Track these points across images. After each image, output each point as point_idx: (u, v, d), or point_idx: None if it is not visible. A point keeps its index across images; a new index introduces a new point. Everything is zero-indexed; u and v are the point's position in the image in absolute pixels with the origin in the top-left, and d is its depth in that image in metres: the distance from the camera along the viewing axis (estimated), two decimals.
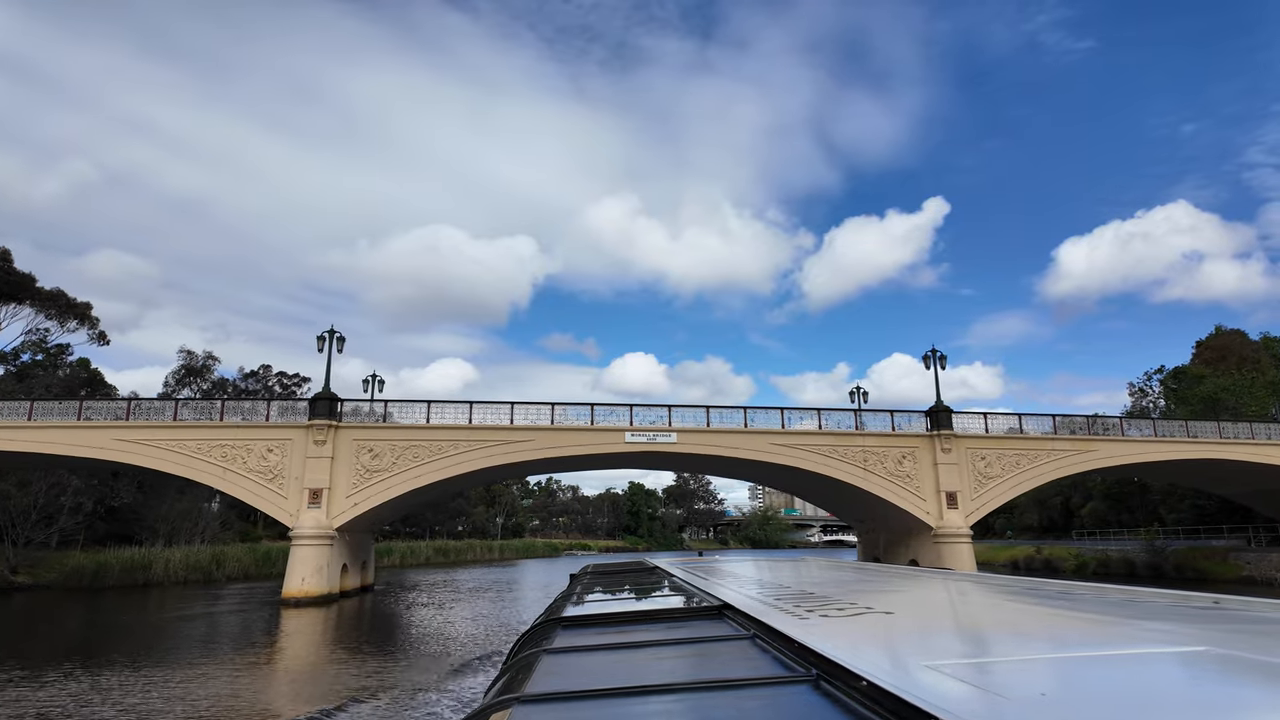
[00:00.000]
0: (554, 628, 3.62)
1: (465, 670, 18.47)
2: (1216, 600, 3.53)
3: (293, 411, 35.51)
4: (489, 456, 35.76)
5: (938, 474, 38.58)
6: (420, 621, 29.99)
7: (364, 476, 34.78)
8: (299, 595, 32.11)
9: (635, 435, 37.16)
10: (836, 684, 1.95)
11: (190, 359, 71.15)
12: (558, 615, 4.20)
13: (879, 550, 43.92)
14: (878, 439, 38.90)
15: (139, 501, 58.73)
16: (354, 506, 34.37)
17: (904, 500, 38.22)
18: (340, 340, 36.46)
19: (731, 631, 3.12)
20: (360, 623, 29.38)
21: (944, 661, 2.13)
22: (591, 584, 6.97)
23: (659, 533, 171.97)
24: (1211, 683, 2.07)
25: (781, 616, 3.19)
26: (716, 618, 3.51)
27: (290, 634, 25.64)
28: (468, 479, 38.92)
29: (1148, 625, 2.97)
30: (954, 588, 5.01)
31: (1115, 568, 55.37)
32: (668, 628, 3.47)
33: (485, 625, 27.92)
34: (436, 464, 35.24)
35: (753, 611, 3.29)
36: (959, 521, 37.92)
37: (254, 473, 34.07)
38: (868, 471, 38.28)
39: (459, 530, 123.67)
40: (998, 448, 39.71)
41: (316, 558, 32.97)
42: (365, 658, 20.33)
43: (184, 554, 51.79)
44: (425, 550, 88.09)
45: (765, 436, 37.97)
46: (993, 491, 39.28)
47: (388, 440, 35.29)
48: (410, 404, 36.49)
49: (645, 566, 8.79)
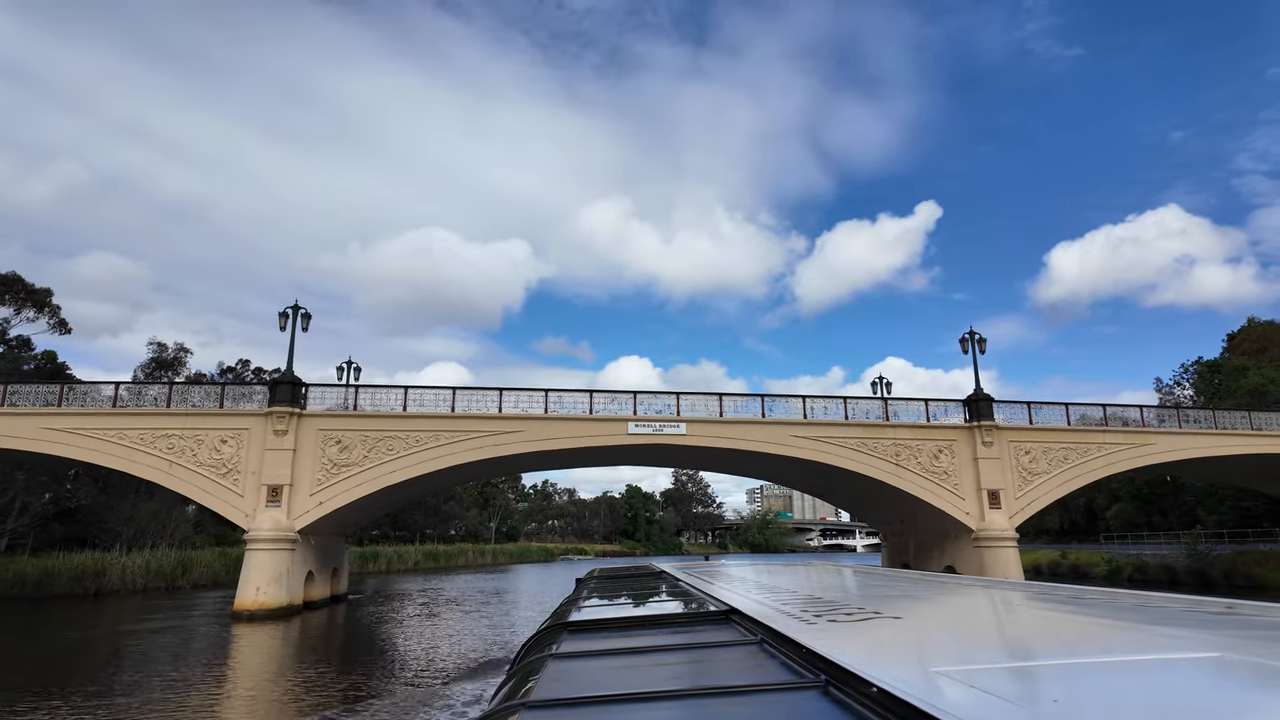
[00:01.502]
0: (560, 632, 3.55)
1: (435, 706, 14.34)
2: (1230, 605, 3.42)
3: (250, 398, 31.24)
4: (474, 449, 31.54)
5: (978, 470, 34.43)
6: (390, 641, 25.74)
7: (331, 471, 30.52)
8: (253, 607, 27.82)
9: (639, 426, 32.98)
10: (846, 690, 1.91)
11: (161, 352, 66.71)
12: (564, 620, 4.07)
13: (908, 556, 39.73)
14: (911, 431, 34.75)
15: (101, 502, 54.35)
16: (319, 505, 30.10)
17: (940, 499, 34.07)
18: (305, 317, 32.19)
19: (739, 637, 3.07)
20: (320, 641, 25.10)
21: (955, 667, 2.08)
22: (597, 588, 6.87)
23: (656, 537, 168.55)
24: (1227, 690, 2.01)
25: (789, 622, 3.15)
26: (723, 623, 3.48)
27: (232, 656, 21.39)
28: (451, 475, 34.67)
29: (1161, 631, 2.94)
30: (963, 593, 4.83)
31: (1153, 574, 51.32)
32: (674, 633, 3.46)
33: (465, 646, 23.68)
34: (414, 457, 31.00)
35: (760, 617, 3.27)
36: (1003, 523, 33.77)
37: (205, 467, 29.79)
38: (900, 467, 34.12)
39: (451, 534, 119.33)
40: (1044, 441, 35.58)
41: (274, 564, 28.68)
42: (312, 689, 16.11)
43: (146, 559, 47.46)
44: (414, 555, 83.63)
45: (785, 428, 33.80)
46: (1039, 490, 35.15)
47: (358, 430, 31.04)
48: (384, 389, 32.23)
49: (651, 571, 8.55)
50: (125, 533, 53.47)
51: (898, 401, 35.64)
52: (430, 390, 32.23)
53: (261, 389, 31.36)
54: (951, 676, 1.95)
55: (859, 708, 1.79)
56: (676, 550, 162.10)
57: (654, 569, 8.97)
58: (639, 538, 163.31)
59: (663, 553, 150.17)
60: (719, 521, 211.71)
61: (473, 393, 32.52)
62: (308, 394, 31.47)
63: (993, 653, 2.72)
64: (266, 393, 31.05)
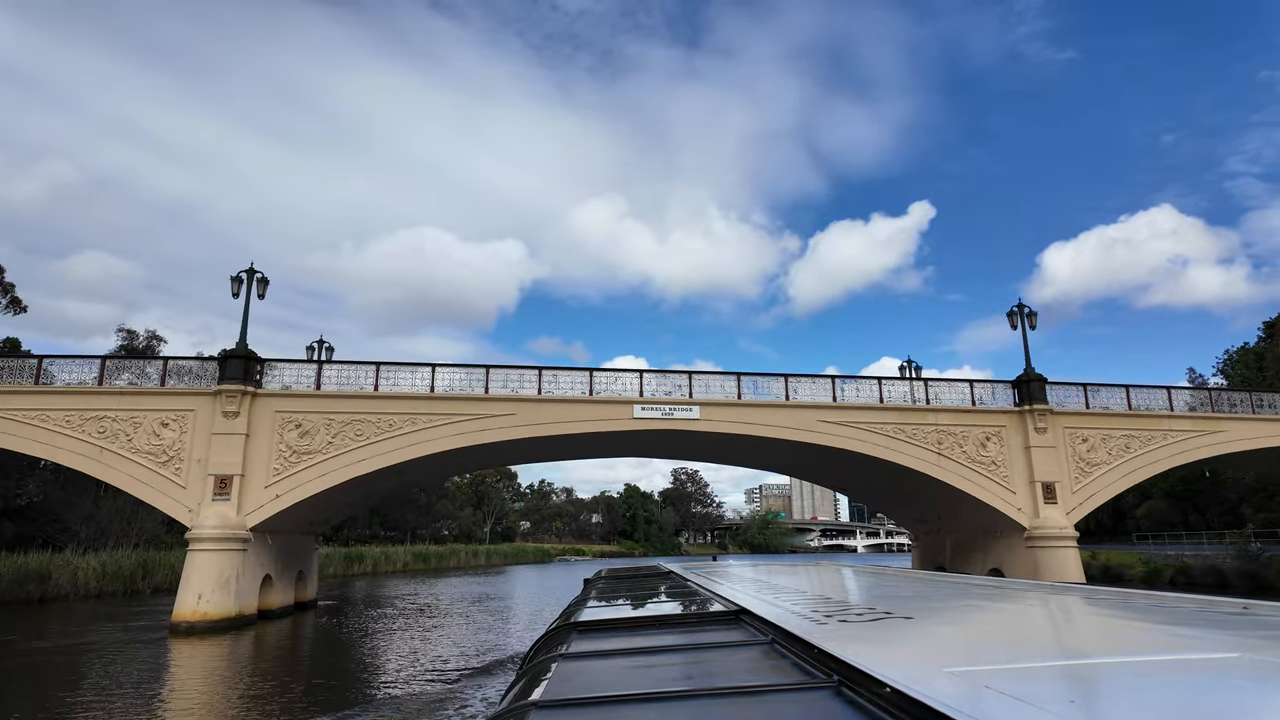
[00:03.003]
0: (570, 632, 3.53)
1: None
2: (1246, 606, 3.40)
3: (197, 376, 27.01)
4: (457, 435, 27.36)
5: (1030, 459, 30.32)
6: (352, 658, 21.59)
7: (290, 460, 26.31)
8: (193, 619, 23.61)
9: (646, 409, 28.82)
10: (859, 690, 1.90)
11: (130, 339, 62.38)
12: (573, 620, 4.07)
13: (944, 558, 35.61)
14: (954, 416, 30.62)
15: (58, 499, 50.13)
16: (276, 499, 25.90)
17: (988, 493, 29.95)
18: (262, 283, 27.94)
19: (749, 637, 3.05)
20: (268, 659, 20.90)
21: (969, 667, 2.06)
22: (607, 588, 6.82)
23: (655, 537, 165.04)
24: (1244, 691, 1.97)
25: (800, 622, 3.11)
26: (733, 623, 3.47)
27: (152, 681, 17.22)
28: (431, 465, 30.47)
29: (1177, 631, 2.92)
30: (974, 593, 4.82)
31: (1198, 576, 47.22)
32: (684, 633, 3.44)
33: (446, 669, 19.50)
34: (387, 444, 26.80)
35: (770, 617, 3.23)
36: (1060, 520, 29.66)
37: (142, 454, 25.56)
38: (942, 456, 29.99)
39: (443, 534, 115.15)
40: (1103, 427, 31.47)
41: (221, 567, 24.47)
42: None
43: (102, 561, 43.25)
44: (402, 556, 79.34)
45: (812, 412, 29.65)
46: (1098, 483, 31.05)
47: (322, 413, 26.83)
48: (353, 366, 27.99)
49: (660, 571, 8.49)
50: (84, 532, 49.33)
51: (938, 383, 31.50)
52: (406, 368, 28.03)
53: (211, 364, 27.11)
54: (965, 677, 1.92)
55: (872, 708, 1.78)
56: (676, 551, 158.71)
57: (662, 569, 8.83)
58: (638, 538, 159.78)
59: (661, 553, 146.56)
60: (718, 522, 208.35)
61: (455, 371, 28.33)
62: (264, 371, 27.25)
63: (1006, 653, 2.67)
64: (216, 369, 26.82)
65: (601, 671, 2.71)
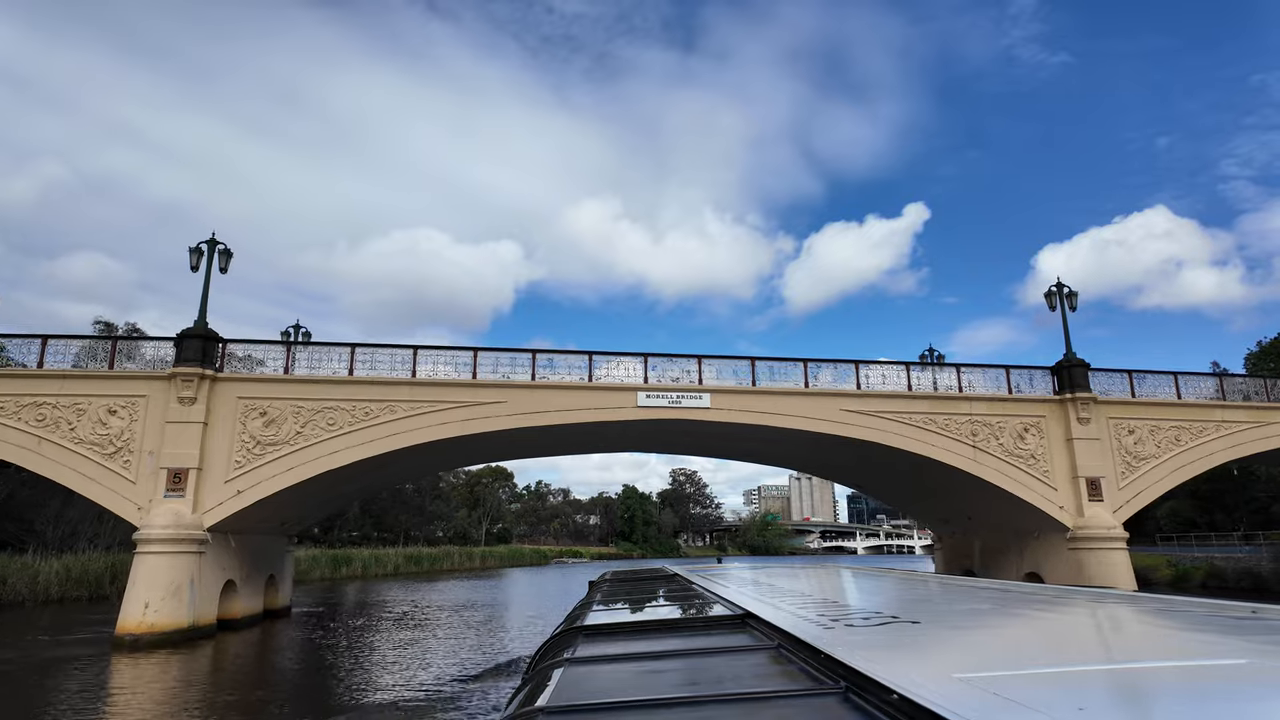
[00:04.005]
0: (575, 636, 3.50)
1: None
2: (1255, 610, 3.34)
3: (150, 360, 24.19)
4: (441, 425, 24.57)
5: (1073, 453, 27.59)
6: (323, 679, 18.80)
7: (254, 452, 23.50)
8: (139, 631, 20.77)
9: (652, 397, 26.05)
10: (866, 697, 1.88)
11: (109, 332, 59.49)
12: (579, 624, 4.03)
13: (972, 561, 32.84)
14: (990, 405, 27.88)
15: (24, 499, 47.18)
16: (237, 495, 23.09)
17: (1026, 489, 27.21)
18: (224, 255, 25.12)
19: (755, 642, 3.02)
20: (219, 684, 18.06)
21: (977, 674, 2.02)
22: (612, 591, 6.80)
23: (654, 539, 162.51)
24: (1254, 698, 1.93)
25: (807, 627, 3.09)
26: (739, 627, 3.44)
27: (57, 713, 14.41)
28: (413, 459, 27.66)
29: (1186, 636, 2.92)
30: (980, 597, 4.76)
31: (1232, 580, 44.52)
32: (690, 637, 3.43)
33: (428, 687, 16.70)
34: (362, 434, 24.01)
35: (777, 621, 3.21)
36: (1107, 519, 26.92)
37: (86, 445, 22.74)
38: (977, 449, 27.25)
39: (438, 535, 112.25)
40: (1151, 417, 28.75)
41: (172, 572, 21.65)
42: None
43: (66, 564, 40.42)
44: (394, 559, 76.31)
45: (835, 400, 26.89)
46: (1146, 478, 28.32)
47: (290, 399, 24.02)
48: (326, 348, 25.18)
49: (665, 574, 8.40)
50: (52, 533, 46.44)
51: (971, 369, 28.73)
52: (385, 350, 25.23)
53: (166, 345, 24.27)
54: (973, 683, 1.88)
55: (879, 715, 1.76)
56: (675, 553, 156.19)
57: (667, 572, 8.63)
58: (636, 539, 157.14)
59: (660, 555, 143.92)
60: (717, 523, 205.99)
61: (439, 354, 25.53)
62: (225, 353, 24.44)
63: (1015, 658, 2.62)
64: (172, 350, 24.00)
65: (608, 677, 2.66)
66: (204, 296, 24.47)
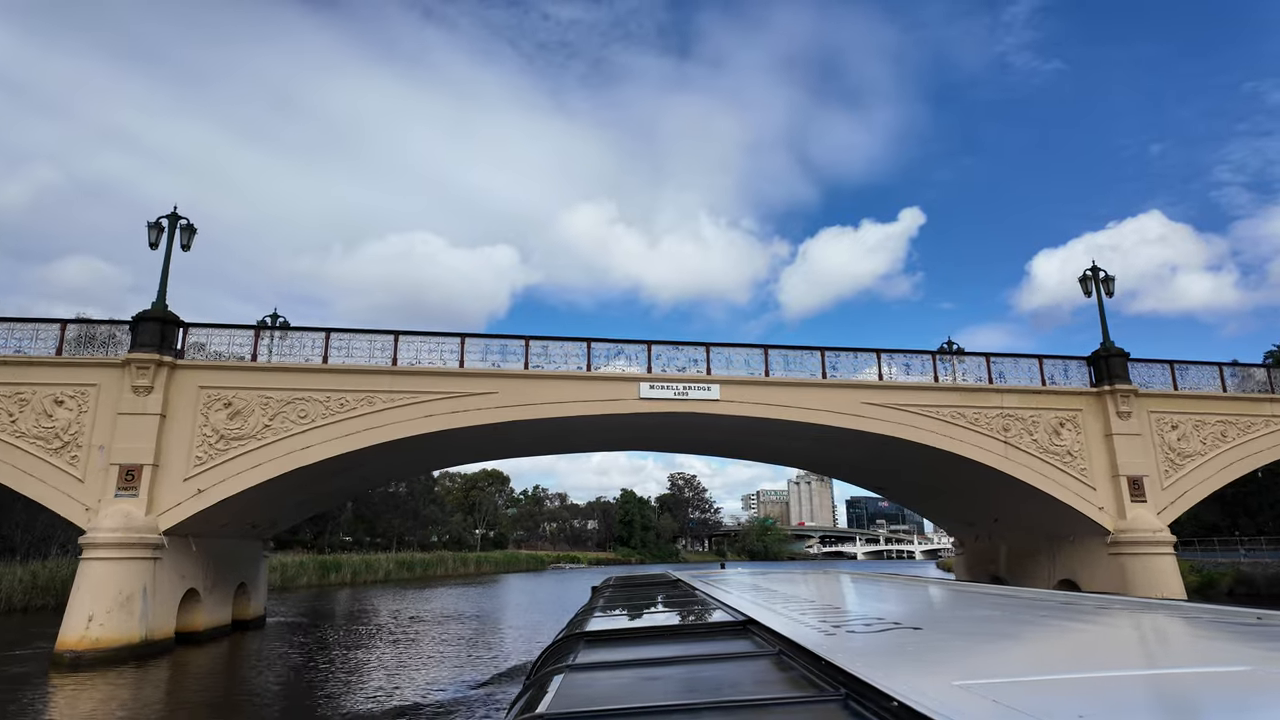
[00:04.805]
0: (576, 643, 3.50)
1: None
2: (1260, 616, 3.31)
3: (103, 344, 21.95)
4: (425, 418, 22.34)
5: (1113, 449, 25.40)
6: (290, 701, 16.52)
7: (217, 447, 21.24)
8: (81, 647, 18.47)
9: (656, 388, 23.85)
10: (866, 704, 1.88)
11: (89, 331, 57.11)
12: (580, 630, 4.05)
13: (998, 566, 30.61)
14: (1022, 397, 25.70)
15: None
16: (198, 495, 20.82)
17: (1063, 488, 25.01)
18: (187, 230, 22.90)
19: (756, 648, 3.02)
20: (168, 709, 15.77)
21: (978, 680, 1.99)
22: (614, 597, 6.76)
23: (653, 544, 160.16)
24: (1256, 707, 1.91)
25: (808, 633, 3.10)
26: (741, 634, 3.43)
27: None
28: (394, 457, 25.41)
29: (1189, 643, 2.93)
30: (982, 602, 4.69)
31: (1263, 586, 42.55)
32: (691, 644, 3.41)
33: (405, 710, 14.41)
34: (337, 428, 21.76)
35: (778, 627, 3.19)
36: (1152, 521, 24.73)
37: (29, 439, 20.46)
38: (1009, 445, 25.05)
39: (433, 541, 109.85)
40: (1195, 411, 26.58)
41: (121, 580, 19.36)
42: None
43: (32, 571, 38.28)
44: (385, 565, 73.88)
45: (855, 392, 24.70)
46: (1191, 478, 26.15)
47: (258, 389, 21.77)
48: (297, 333, 22.94)
49: (668, 579, 8.42)
50: (21, 538, 44.15)
51: (1002, 359, 26.52)
52: (363, 335, 22.98)
53: (121, 330, 22.01)
54: (974, 690, 1.86)
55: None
56: (674, 558, 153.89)
57: (670, 577, 8.57)
58: (634, 545, 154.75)
59: (659, 560, 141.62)
60: (716, 528, 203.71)
61: (424, 341, 23.30)
62: (187, 338, 22.20)
63: (1016, 665, 2.62)
64: (127, 334, 21.75)
65: (608, 683, 2.66)
66: (163, 276, 22.25)
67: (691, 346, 24.75)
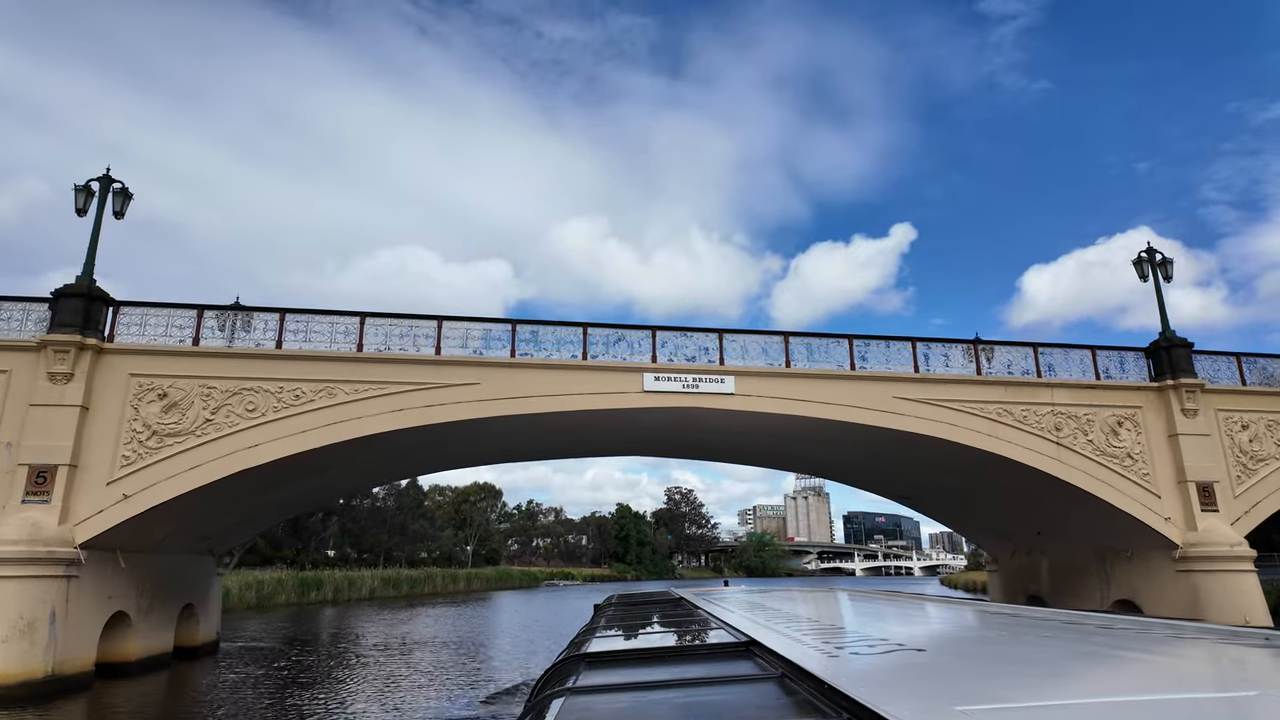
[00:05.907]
0: (577, 665, 3.42)
1: None
2: (1269, 637, 3.26)
3: (17, 322, 18.79)
4: (395, 411, 19.24)
5: (1178, 451, 22.43)
6: None
7: (148, 445, 18.08)
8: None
9: (662, 380, 20.80)
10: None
11: None
12: (581, 651, 3.95)
13: (1039, 585, 27.48)
14: (1075, 393, 22.73)
15: None
16: (124, 501, 17.63)
17: (1123, 495, 22.00)
18: (122, 196, 19.84)
19: (758, 671, 2.97)
20: None
21: (981, 705, 1.91)
22: (616, 616, 6.77)
23: (648, 560, 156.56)
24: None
25: (810, 654, 3.02)
26: (744, 655, 3.34)
27: None
28: (363, 457, 22.23)
29: (1197, 666, 2.84)
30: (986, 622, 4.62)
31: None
32: (692, 666, 3.41)
33: None
34: (291, 422, 18.62)
35: (781, 649, 3.11)
36: (1228, 533, 21.70)
37: None
38: (1061, 446, 22.05)
39: (422, 557, 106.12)
40: (1269, 409, 23.66)
41: (23, 602, 16.14)
42: None
43: None
44: (369, 582, 70.31)
45: (887, 385, 21.71)
46: (1266, 484, 23.15)
47: (199, 378, 18.65)
48: (250, 314, 19.83)
49: (670, 598, 8.31)
50: None
51: (1051, 350, 23.57)
52: (323, 316, 19.90)
53: (39, 307, 18.86)
54: (976, 715, 1.80)
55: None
56: (670, 574, 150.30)
57: (672, 595, 8.47)
58: (630, 560, 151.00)
59: (655, 576, 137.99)
60: (713, 544, 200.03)
61: (395, 324, 20.25)
62: (117, 319, 19.09)
63: (1018, 690, 2.49)
64: (46, 311, 18.63)
65: (608, 707, 2.62)
66: (91, 246, 19.14)
67: (702, 333, 21.73)
